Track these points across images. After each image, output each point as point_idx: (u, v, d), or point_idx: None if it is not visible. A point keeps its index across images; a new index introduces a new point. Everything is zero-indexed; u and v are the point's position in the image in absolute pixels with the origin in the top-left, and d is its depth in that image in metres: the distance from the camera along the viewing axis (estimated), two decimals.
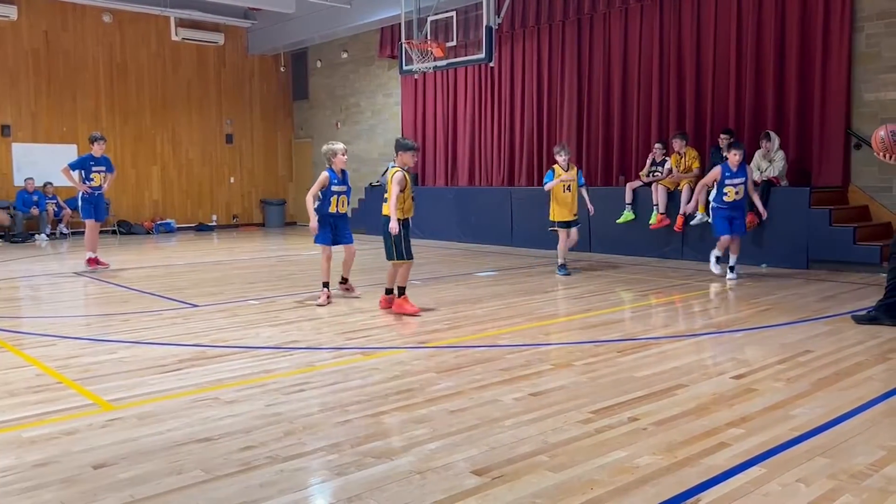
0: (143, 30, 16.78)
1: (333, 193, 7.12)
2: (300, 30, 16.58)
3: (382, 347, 5.25)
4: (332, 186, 7.08)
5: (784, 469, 2.94)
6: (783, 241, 9.30)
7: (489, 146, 14.28)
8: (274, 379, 4.38)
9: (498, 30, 11.30)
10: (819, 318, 6.07)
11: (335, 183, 7.09)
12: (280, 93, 19.24)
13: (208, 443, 3.30)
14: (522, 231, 12.45)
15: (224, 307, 6.90)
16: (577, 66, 12.63)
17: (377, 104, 16.92)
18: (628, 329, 5.92)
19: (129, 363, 4.80)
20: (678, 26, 11.25)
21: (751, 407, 3.75)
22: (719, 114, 10.81)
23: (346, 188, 7.20)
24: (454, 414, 3.67)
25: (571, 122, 12.76)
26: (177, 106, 17.52)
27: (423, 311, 6.56)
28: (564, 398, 3.92)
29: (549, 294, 7.56)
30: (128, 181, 16.91)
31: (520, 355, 4.89)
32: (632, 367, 4.57)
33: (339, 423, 3.56)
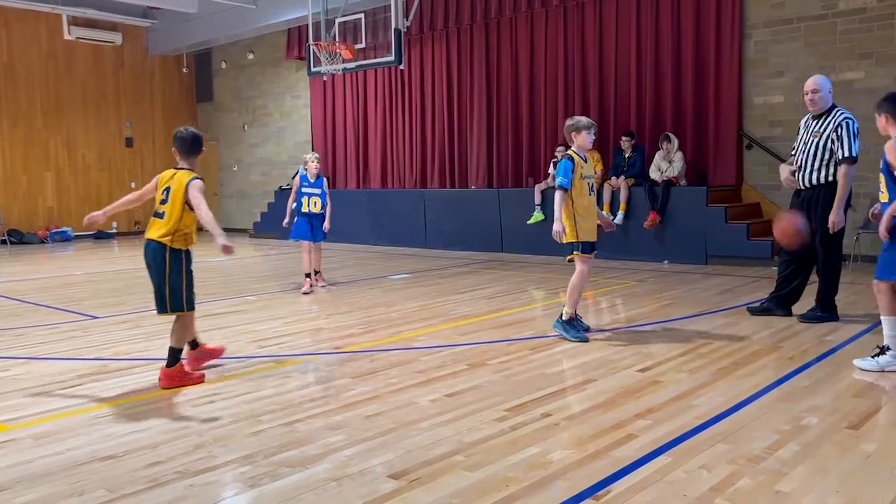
0: (32, 28, 15.87)
1: (304, 195, 8.20)
2: (203, 30, 16.07)
3: (296, 354, 5.16)
4: (303, 188, 8.22)
5: (688, 457, 3.07)
6: (683, 238, 9.74)
7: (401, 148, 14.28)
8: (181, 391, 4.23)
9: (407, 32, 11.33)
10: (718, 311, 6.39)
11: (305, 185, 8.23)
12: (183, 94, 18.60)
13: (112, 460, 3.16)
14: (436, 233, 12.51)
15: (126, 318, 6.61)
16: (486, 69, 12.81)
17: (286, 106, 16.63)
18: (540, 327, 6.04)
19: (24, 380, 4.53)
20: (581, 32, 11.59)
21: (656, 398, 3.90)
22: (621, 116, 11.21)
23: (320, 191, 8.25)
24: (370, 419, 3.65)
25: (482, 125, 12.94)
26: (72, 108, 16.66)
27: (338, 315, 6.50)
28: (479, 397, 3.97)
29: (462, 295, 7.63)
30: (19, 188, 15.96)
31: (435, 357, 4.91)
32: (544, 364, 4.67)
33: (251, 433, 3.48)
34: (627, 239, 10.09)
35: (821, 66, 9.15)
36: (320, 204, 8.23)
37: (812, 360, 4.62)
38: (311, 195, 8.18)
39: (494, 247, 11.58)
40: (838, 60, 9.17)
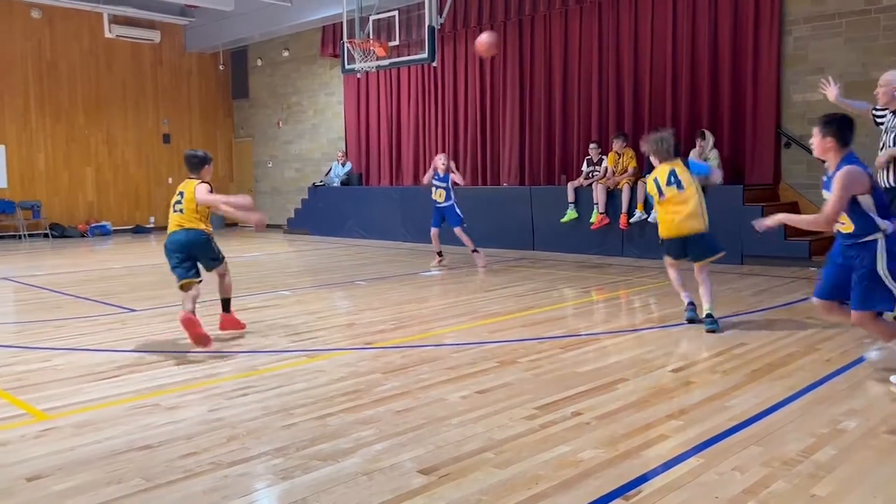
0: (74, 26, 16.23)
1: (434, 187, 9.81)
2: (240, 28, 16.28)
3: (328, 349, 5.21)
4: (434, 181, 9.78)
5: (721, 458, 3.04)
6: (718, 237, 9.54)
7: (433, 145, 14.30)
8: (216, 384, 4.30)
9: (440, 30, 11.32)
10: (753, 312, 6.29)
11: (436, 179, 9.75)
12: (219, 92, 18.86)
13: (149, 450, 3.23)
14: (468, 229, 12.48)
15: (163, 312, 6.73)
16: (519, 66, 12.77)
17: (320, 103, 16.76)
18: (571, 325, 6.02)
19: (65, 371, 4.65)
20: (616, 28, 11.48)
21: (689, 399, 3.86)
22: (656, 113, 11.08)
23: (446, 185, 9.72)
24: (400, 414, 3.68)
25: (514, 122, 12.90)
26: (111, 105, 17.00)
27: (370, 311, 6.55)
28: (509, 395, 3.97)
29: (493, 292, 7.62)
30: (60, 183, 16.34)
31: (465, 354, 4.92)
32: (574, 363, 4.65)
33: (283, 426, 3.53)
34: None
35: (863, 63, 8.95)
36: (444, 195, 9.64)
37: (850, 363, 4.53)
38: (438, 187, 9.67)
39: (526, 244, 11.54)
40: (881, 57, 8.94)
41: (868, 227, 3.93)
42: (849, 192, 3.85)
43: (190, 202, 5.46)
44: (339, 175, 15.28)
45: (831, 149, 3.99)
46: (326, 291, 7.99)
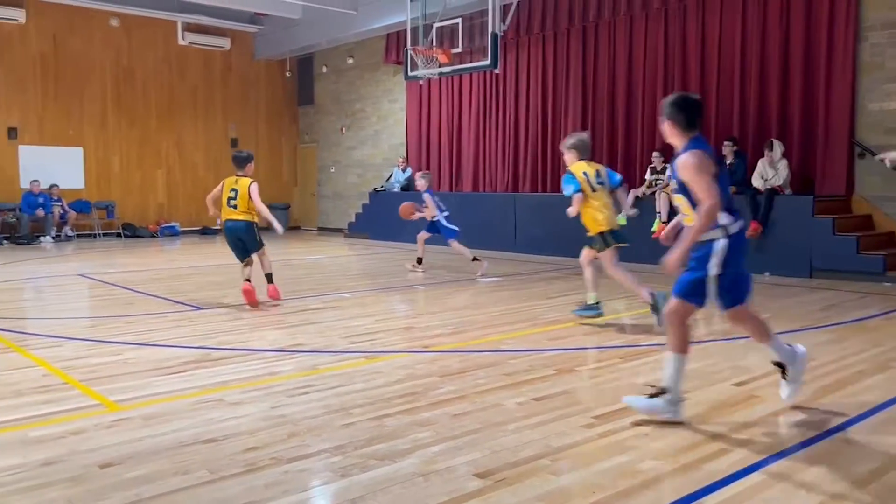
0: (150, 34, 16.88)
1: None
2: (306, 35, 16.65)
3: (386, 351, 5.27)
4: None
5: (785, 476, 2.95)
6: (786, 249, 9.31)
7: (494, 152, 14.32)
8: (278, 381, 4.40)
9: (503, 37, 11.35)
10: (822, 327, 6.08)
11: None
12: (285, 98, 19.31)
13: (213, 444, 3.33)
14: (526, 237, 12.47)
15: (228, 310, 6.93)
16: (582, 73, 12.68)
17: (382, 110, 16.98)
18: (631, 336, 5.93)
19: (135, 364, 4.84)
20: (682, 35, 11.29)
21: (752, 413, 3.76)
22: (723, 122, 10.84)
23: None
24: (457, 418, 3.69)
25: (576, 129, 12.79)
26: (183, 110, 17.60)
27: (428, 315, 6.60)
28: (567, 403, 3.94)
29: (551, 300, 7.58)
30: (133, 184, 16.98)
31: (523, 360, 4.91)
32: (634, 373, 4.59)
33: (342, 425, 3.59)
34: None
35: None
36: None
37: None
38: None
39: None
40: None
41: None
42: (706, 172, 3.45)
43: (243, 198, 6.99)
44: (400, 180, 15.43)
45: (674, 133, 3.65)
46: (385, 295, 8.09)
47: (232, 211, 7.07)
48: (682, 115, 3.61)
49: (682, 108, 3.62)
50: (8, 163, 15.38)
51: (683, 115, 3.61)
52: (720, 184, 3.52)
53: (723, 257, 3.51)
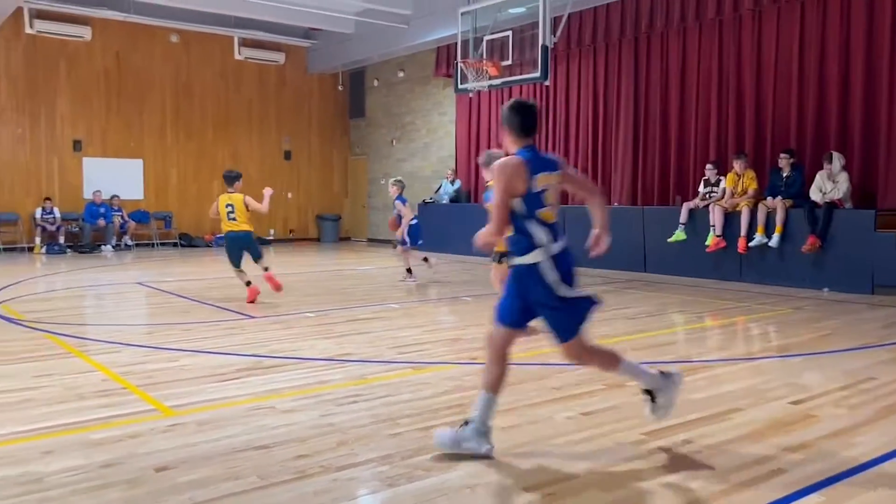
0: (208, 50, 17.38)
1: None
2: (358, 49, 16.91)
3: (433, 362, 5.29)
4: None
5: (844, 498, 2.86)
6: (846, 265, 9.03)
7: None
8: (328, 390, 4.46)
9: (553, 49, 11.32)
10: (883, 346, 5.87)
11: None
12: (337, 111, 19.62)
13: (264, 450, 3.39)
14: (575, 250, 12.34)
15: (280, 319, 7.06)
16: (634, 84, 12.56)
17: (432, 122, 17.10)
18: (682, 351, 5.83)
19: (190, 371, 4.96)
20: (737, 44, 11.10)
21: (809, 433, 3.65)
22: (780, 133, 10.59)
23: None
24: (505, 431, 3.68)
25: (627, 141, 12.68)
26: (238, 123, 18.04)
27: (475, 326, 6.59)
28: (617, 418, 3.89)
29: (602, 314, 7.47)
30: (190, 195, 17.45)
31: (572, 374, 4.87)
32: (686, 390, 4.47)
33: (390, 435, 3.61)
34: (783, 263, 9.51)
35: None
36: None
37: None
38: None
39: (637, 266, 11.27)
40: None
41: (521, 243, 3.28)
42: (508, 190, 3.20)
43: (241, 211, 8.02)
44: (449, 192, 15.51)
45: (509, 139, 3.42)
46: (432, 306, 8.12)
47: (233, 223, 8.07)
48: (517, 121, 3.40)
49: (518, 112, 3.42)
50: (73, 174, 15.99)
51: (518, 120, 3.40)
52: (528, 198, 3.24)
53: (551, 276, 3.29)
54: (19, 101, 15.30)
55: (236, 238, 8.12)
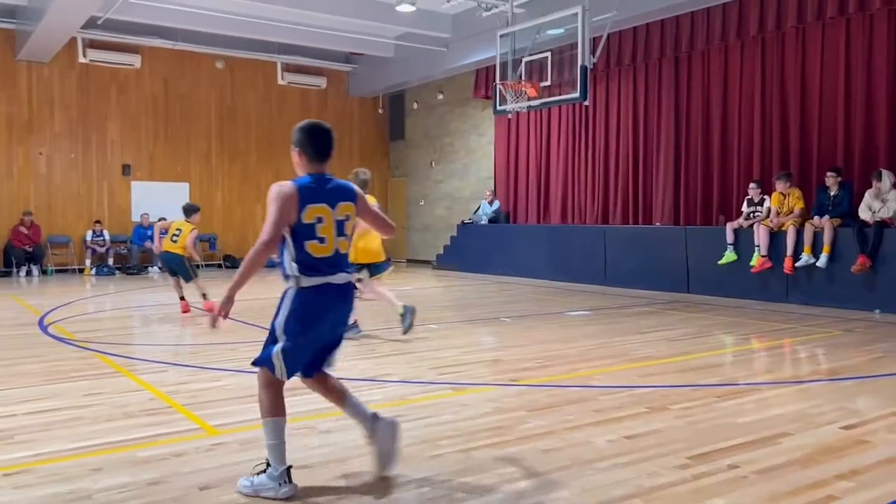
0: (251, 75, 17.78)
1: None
2: (398, 73, 17.14)
3: (474, 384, 5.27)
4: None
5: None
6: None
7: (583, 184, 14.22)
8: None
9: (593, 69, 11.31)
10: None
11: None
12: (377, 133, 19.85)
13: (307, 469, 3.41)
14: (617, 270, 12.25)
15: None
16: (675, 104, 12.47)
17: (471, 144, 17.18)
18: (728, 374, 5.71)
19: (233, 391, 5.02)
20: (781, 62, 10.95)
21: (863, 459, 3.54)
22: (826, 151, 10.39)
23: None
24: (546, 453, 3.64)
25: (668, 160, 12.57)
26: (281, 146, 18.33)
27: (515, 348, 6.57)
28: (660, 442, 3.82)
29: (644, 335, 7.39)
30: (234, 218, 17.78)
31: (613, 397, 4.80)
32: (732, 413, 4.40)
33: (430, 456, 3.61)
34: (832, 284, 9.27)
35: None
36: None
37: None
38: None
39: (680, 287, 11.11)
40: None
41: (282, 269, 3.22)
42: (280, 213, 3.08)
43: (182, 238, 9.00)
44: (487, 213, 15.53)
45: (300, 163, 3.26)
46: (472, 327, 8.10)
47: (173, 245, 9.03)
48: (309, 145, 3.24)
49: (312, 136, 3.27)
50: (122, 198, 16.44)
51: (311, 145, 3.24)
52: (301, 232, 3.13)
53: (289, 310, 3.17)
54: (72, 128, 15.84)
55: (170, 259, 9.13)
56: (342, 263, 3.23)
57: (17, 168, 15.32)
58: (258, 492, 3.08)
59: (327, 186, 3.21)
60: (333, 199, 3.19)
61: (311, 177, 3.22)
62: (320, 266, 3.14)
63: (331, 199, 3.18)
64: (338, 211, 3.19)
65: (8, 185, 15.26)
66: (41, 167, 15.59)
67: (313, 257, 3.13)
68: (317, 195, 3.15)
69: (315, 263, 3.14)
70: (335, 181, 3.27)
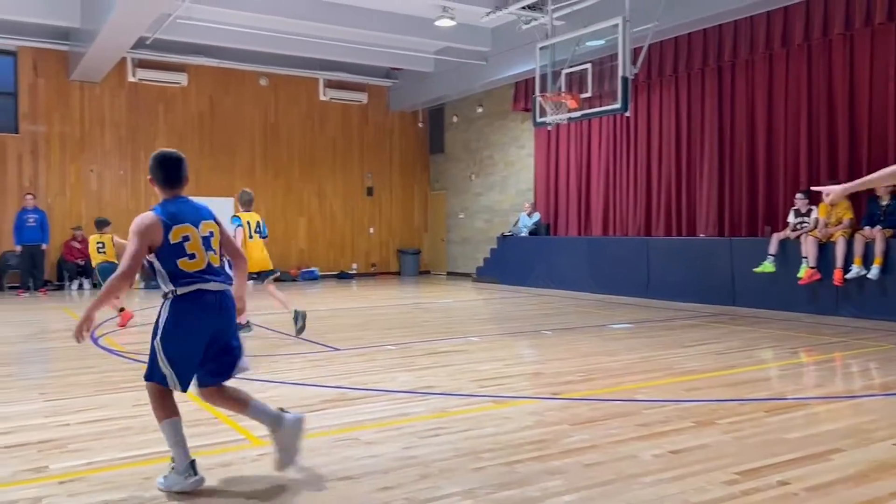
0: (294, 91, 18.09)
1: None
2: (438, 87, 17.26)
3: (515, 396, 5.25)
4: None
5: None
6: None
7: (625, 195, 14.09)
8: (410, 422, 4.49)
9: (634, 79, 11.24)
10: None
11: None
12: (417, 147, 20.00)
13: (349, 481, 3.43)
14: (660, 283, 12.09)
15: (363, 351, 7.17)
16: (718, 114, 12.30)
17: (510, 156, 17.18)
18: (776, 388, 5.58)
19: (278, 402, 5.05)
20: (828, 70, 10.73)
21: None
22: (876, 159, 10.09)
23: None
24: (590, 467, 3.61)
25: (712, 171, 12.39)
26: (322, 161, 18.63)
27: (557, 361, 6.52)
28: (707, 457, 3.75)
29: (688, 349, 7.27)
30: (277, 231, 18.03)
31: (658, 411, 4.73)
32: (781, 429, 4.30)
33: (473, 469, 3.60)
34: (885, 296, 9.00)
35: None
36: None
37: None
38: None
39: (725, 299, 10.91)
40: None
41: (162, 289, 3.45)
42: (139, 246, 3.31)
43: (110, 248, 9.91)
44: (527, 225, 15.49)
45: (156, 190, 3.53)
46: (513, 339, 8.07)
47: (103, 256, 9.94)
48: (161, 174, 3.48)
49: (162, 166, 3.50)
50: None
51: (162, 173, 3.48)
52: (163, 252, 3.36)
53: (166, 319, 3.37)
54: (122, 145, 16.30)
55: (107, 269, 9.62)
56: (216, 274, 3.47)
57: (69, 185, 15.81)
58: (170, 487, 3.32)
59: (186, 208, 3.50)
60: (196, 219, 3.48)
61: (169, 202, 3.50)
62: (193, 277, 3.40)
63: (192, 218, 3.47)
64: (202, 228, 3.47)
65: (61, 202, 15.76)
66: (92, 184, 16.07)
67: (186, 272, 3.39)
68: (178, 217, 3.42)
69: (188, 276, 3.39)
70: (193, 203, 3.57)
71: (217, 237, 3.55)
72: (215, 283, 3.43)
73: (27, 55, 15.22)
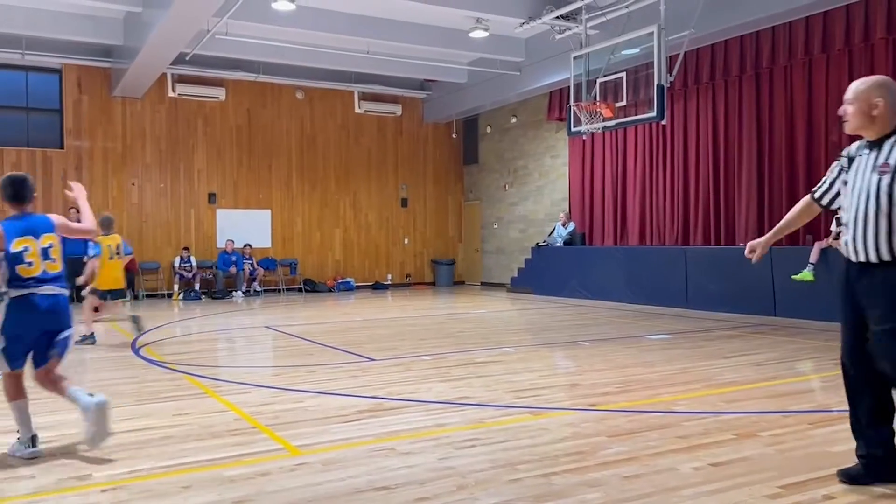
0: (330, 104, 18.31)
1: None
2: (472, 98, 17.31)
3: (552, 408, 5.21)
4: None
5: None
6: None
7: (661, 204, 13.94)
8: (446, 433, 4.48)
9: (670, 87, 11.15)
10: None
11: None
12: (451, 158, 20.06)
13: (386, 491, 3.44)
14: (698, 293, 11.91)
15: (398, 362, 7.19)
16: (757, 121, 12.12)
17: (545, 166, 17.13)
18: (820, 400, 5.45)
19: (314, 412, 5.13)
20: (870, 74, 10.49)
21: None
22: None
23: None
24: (628, 480, 3.56)
25: (751, 178, 12.19)
26: (358, 173, 18.80)
27: (594, 372, 6.46)
28: (749, 470, 3.68)
29: (728, 360, 7.14)
30: (314, 242, 18.25)
31: (698, 423, 4.66)
32: (826, 441, 4.20)
33: (509, 480, 3.58)
34: None
35: None
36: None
37: None
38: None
39: (766, 310, 10.70)
40: None
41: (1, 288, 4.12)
42: None
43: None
44: (562, 235, 15.41)
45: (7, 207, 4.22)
46: (549, 350, 8.02)
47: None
48: (6, 193, 4.20)
49: (10, 185, 4.21)
50: (208, 225, 17.13)
51: (7, 192, 4.20)
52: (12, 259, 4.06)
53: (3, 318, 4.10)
54: (162, 159, 16.66)
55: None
56: (50, 280, 4.17)
57: (111, 198, 16.18)
58: (13, 453, 4.07)
59: (28, 222, 4.21)
60: (37, 232, 4.18)
61: (14, 217, 4.22)
62: (28, 282, 4.10)
63: (33, 231, 4.18)
64: (42, 240, 4.18)
65: None
66: (133, 197, 16.43)
67: (23, 277, 4.09)
68: (20, 230, 4.14)
69: (24, 281, 4.09)
70: (36, 217, 4.27)
71: (57, 247, 4.24)
72: (47, 287, 4.13)
73: (72, 72, 15.66)
